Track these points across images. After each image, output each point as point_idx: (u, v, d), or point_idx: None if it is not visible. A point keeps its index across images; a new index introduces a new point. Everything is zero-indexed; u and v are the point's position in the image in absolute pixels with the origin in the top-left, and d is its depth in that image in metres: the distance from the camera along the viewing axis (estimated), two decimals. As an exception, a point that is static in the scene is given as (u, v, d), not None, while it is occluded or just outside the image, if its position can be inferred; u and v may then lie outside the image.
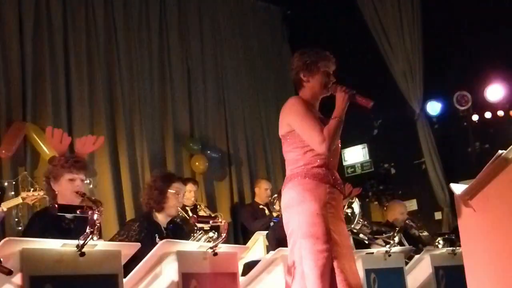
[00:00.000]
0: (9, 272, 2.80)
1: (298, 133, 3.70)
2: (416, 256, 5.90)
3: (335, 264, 3.51)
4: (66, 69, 7.24)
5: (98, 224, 3.36)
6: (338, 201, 3.70)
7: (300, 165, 3.68)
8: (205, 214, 6.86)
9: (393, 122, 9.41)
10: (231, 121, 9.08)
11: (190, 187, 7.00)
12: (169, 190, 4.71)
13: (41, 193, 5.51)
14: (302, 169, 3.67)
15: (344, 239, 3.65)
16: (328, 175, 3.67)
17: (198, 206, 7.10)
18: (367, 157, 9.96)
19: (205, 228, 4.74)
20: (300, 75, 3.83)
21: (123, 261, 3.51)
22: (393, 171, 9.77)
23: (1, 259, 2.85)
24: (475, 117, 8.67)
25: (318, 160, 3.67)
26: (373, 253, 5.24)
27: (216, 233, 4.42)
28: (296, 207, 3.60)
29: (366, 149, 9.97)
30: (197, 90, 8.75)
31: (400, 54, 9.10)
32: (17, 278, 2.97)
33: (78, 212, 3.36)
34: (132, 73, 7.93)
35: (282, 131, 3.79)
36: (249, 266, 5.47)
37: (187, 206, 6.91)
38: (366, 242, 6.05)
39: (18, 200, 5.50)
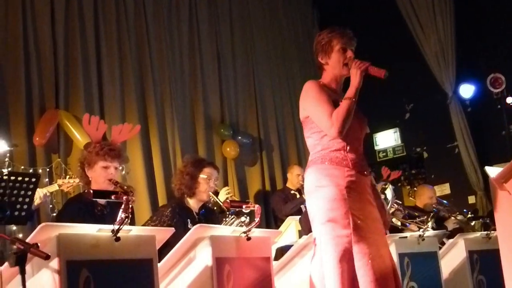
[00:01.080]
0: (47, 257, 2.84)
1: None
2: (450, 240, 5.85)
3: (356, 249, 3.44)
4: (97, 57, 7.28)
5: (131, 210, 3.39)
6: (361, 184, 3.60)
7: (318, 150, 3.62)
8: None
9: (425, 105, 9.33)
10: (262, 106, 9.08)
11: None
12: (200, 175, 4.74)
13: (77, 180, 5.58)
14: (320, 154, 3.61)
15: (371, 222, 3.55)
16: (346, 158, 3.57)
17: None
18: (399, 141, 9.90)
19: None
20: (319, 58, 3.75)
21: (157, 246, 3.55)
22: (425, 155, 9.70)
23: (39, 244, 2.90)
24: (509, 100, 8.54)
25: (336, 144, 3.58)
26: (406, 237, 5.20)
27: (248, 217, 4.42)
28: (315, 193, 3.55)
29: (398, 133, 9.90)
30: (228, 76, 8.76)
31: (432, 36, 9.00)
32: (54, 263, 3.00)
33: (112, 197, 3.39)
34: (163, 59, 7.94)
35: (300, 116, 3.74)
36: (282, 251, 5.49)
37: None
38: (400, 227, 6.02)
39: (54, 187, 5.57)
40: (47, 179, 6.33)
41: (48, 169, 6.51)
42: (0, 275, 2.93)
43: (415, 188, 8.00)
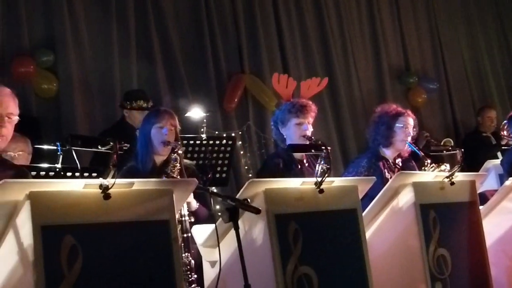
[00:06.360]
0: (258, 211, 2.93)
1: None
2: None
3: None
4: (276, 18, 7.37)
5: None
6: None
7: None
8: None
9: None
10: (447, 51, 8.76)
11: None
12: (396, 125, 4.62)
13: None
14: None
15: None
16: None
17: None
18: None
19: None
20: None
21: (360, 196, 3.54)
22: None
23: (249, 199, 3.00)
24: None
25: None
26: None
27: (448, 165, 4.26)
28: None
29: None
30: (408, 22, 8.53)
31: None
32: (263, 217, 3.08)
33: (312, 151, 3.42)
34: (341, 12, 7.91)
35: None
36: (481, 196, 5.24)
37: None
38: None
39: None
40: (240, 142, 6.53)
41: (240, 133, 6.73)
42: (216, 230, 3.06)
43: None
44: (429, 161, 4.32)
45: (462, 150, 3.88)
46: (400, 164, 4.75)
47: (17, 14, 5.85)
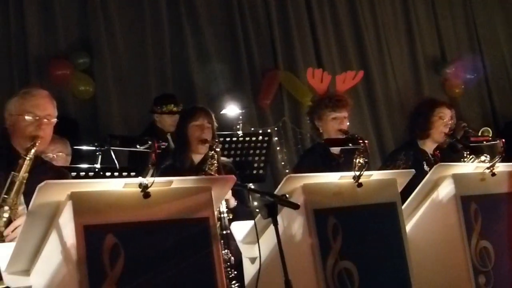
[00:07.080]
0: (296, 207, 2.91)
1: None
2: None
3: None
4: (309, 12, 7.35)
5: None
6: None
7: None
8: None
9: None
10: (483, 38, 8.63)
11: None
12: (434, 116, 4.55)
13: None
14: None
15: None
16: None
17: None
18: None
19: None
20: None
21: (399, 189, 3.51)
22: None
23: (287, 195, 2.99)
24: None
25: None
26: None
27: (488, 156, 4.19)
28: None
29: None
30: (443, 10, 8.44)
31: None
32: (302, 212, 3.08)
33: (350, 145, 3.41)
34: (374, 3, 7.87)
35: None
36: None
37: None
38: None
39: None
40: (276, 138, 6.53)
41: (276, 129, 6.72)
42: (255, 226, 3.05)
43: None
44: (468, 152, 4.26)
45: (503, 140, 3.80)
46: (439, 156, 4.70)
47: (53, 18, 5.97)
